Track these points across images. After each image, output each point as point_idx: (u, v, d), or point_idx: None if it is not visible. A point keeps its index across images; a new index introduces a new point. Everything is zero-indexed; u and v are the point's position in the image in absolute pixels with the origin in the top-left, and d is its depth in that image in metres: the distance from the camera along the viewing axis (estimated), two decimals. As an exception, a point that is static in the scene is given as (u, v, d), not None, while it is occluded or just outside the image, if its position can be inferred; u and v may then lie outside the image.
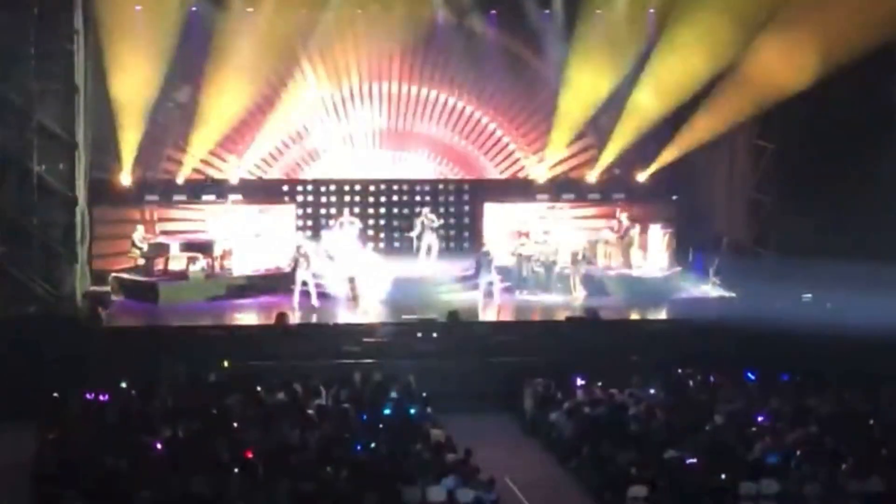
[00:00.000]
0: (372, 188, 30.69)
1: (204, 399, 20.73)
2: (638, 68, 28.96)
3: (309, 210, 30.31)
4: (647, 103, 29.01)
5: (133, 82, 26.92)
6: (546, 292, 28.23)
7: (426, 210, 29.60)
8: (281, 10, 28.22)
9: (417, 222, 29.28)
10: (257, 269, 28.29)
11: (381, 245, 30.22)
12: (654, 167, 30.42)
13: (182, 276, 27.44)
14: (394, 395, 21.10)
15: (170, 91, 28.19)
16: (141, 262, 27.73)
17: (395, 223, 30.77)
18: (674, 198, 30.97)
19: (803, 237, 27.31)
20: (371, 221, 30.35)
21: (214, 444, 18.25)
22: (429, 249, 29.04)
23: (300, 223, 29.90)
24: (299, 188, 30.36)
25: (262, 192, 29.92)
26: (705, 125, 28.50)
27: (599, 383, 22.19)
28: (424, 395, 21.39)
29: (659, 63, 28.41)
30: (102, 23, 26.34)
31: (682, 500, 17.48)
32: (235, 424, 19.37)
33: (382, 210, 30.73)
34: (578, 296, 27.95)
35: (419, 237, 29.08)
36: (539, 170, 31.16)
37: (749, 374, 22.88)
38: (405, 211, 30.82)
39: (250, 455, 17.82)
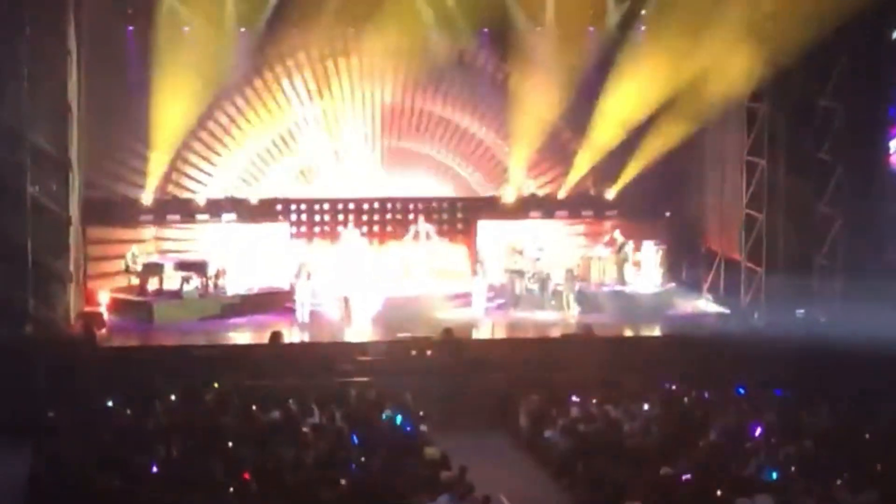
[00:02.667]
0: (366, 206, 30.64)
1: (198, 418, 20.72)
2: (633, 84, 28.97)
3: (303, 229, 30.26)
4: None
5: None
6: (540, 309, 28.25)
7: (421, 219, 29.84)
8: (279, 28, 28.41)
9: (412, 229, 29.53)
10: (251, 288, 28.32)
11: (375, 263, 30.18)
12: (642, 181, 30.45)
13: (176, 295, 27.48)
14: (388, 412, 21.11)
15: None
16: (135, 281, 27.76)
17: (390, 241, 30.76)
18: (667, 214, 31.00)
19: (795, 253, 27.38)
20: (365, 240, 30.33)
21: (209, 463, 18.23)
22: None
23: (297, 239, 29.85)
24: (293, 207, 30.32)
25: (256, 211, 29.88)
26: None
27: (594, 400, 22.21)
28: (421, 413, 21.39)
29: (655, 76, 28.41)
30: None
31: (678, 516, 17.50)
32: (230, 443, 19.35)
33: (376, 228, 30.69)
34: (572, 312, 27.98)
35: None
36: (530, 188, 31.18)
37: (743, 390, 22.89)
38: (399, 229, 30.80)
39: (248, 476, 17.80)
